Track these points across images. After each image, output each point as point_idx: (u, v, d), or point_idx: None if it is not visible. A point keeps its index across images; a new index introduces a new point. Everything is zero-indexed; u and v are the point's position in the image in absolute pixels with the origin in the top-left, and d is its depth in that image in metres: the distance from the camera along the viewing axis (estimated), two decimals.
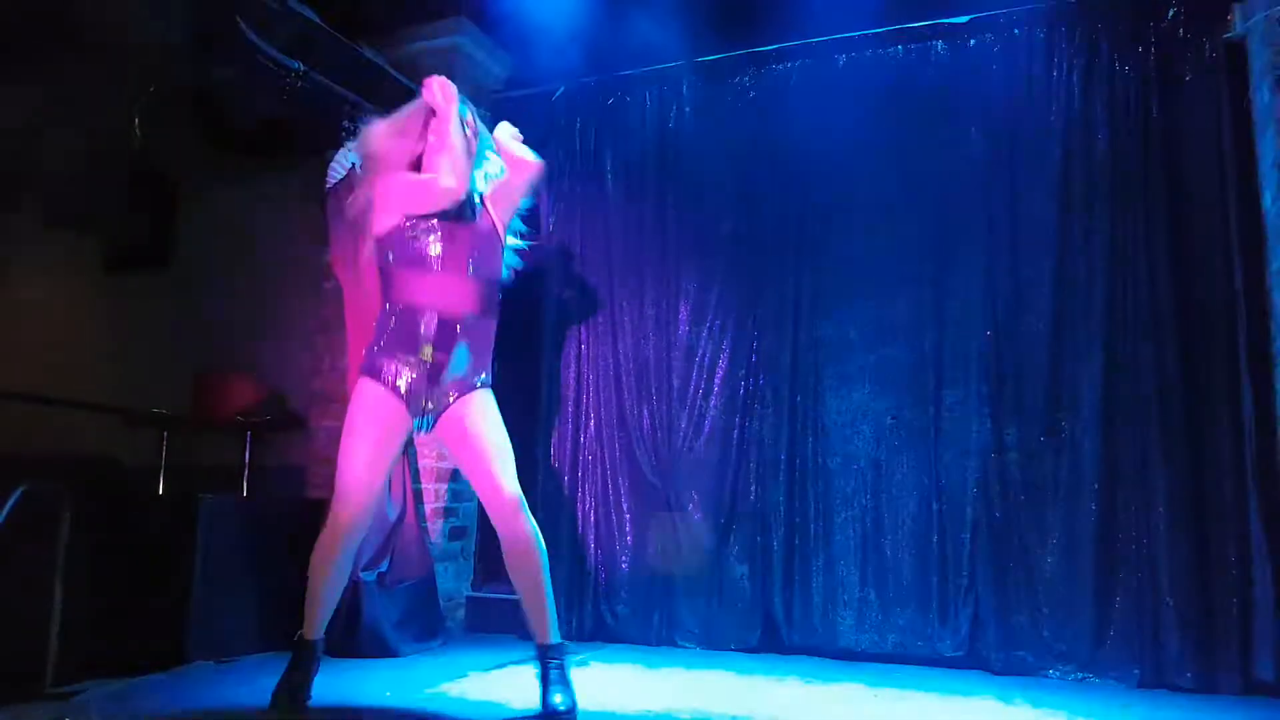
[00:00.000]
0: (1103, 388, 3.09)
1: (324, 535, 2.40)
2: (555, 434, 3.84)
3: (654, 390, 3.72)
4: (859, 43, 3.59)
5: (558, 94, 4.01)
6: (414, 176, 2.45)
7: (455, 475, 3.89)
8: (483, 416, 2.43)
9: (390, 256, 2.43)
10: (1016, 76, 3.34)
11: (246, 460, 4.06)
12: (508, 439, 2.46)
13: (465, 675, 2.94)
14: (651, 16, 3.68)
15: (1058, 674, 3.01)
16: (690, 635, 3.51)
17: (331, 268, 3.56)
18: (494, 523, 2.44)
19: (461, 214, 2.45)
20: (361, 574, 3.14)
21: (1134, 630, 2.95)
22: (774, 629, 3.41)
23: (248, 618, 3.19)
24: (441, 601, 3.61)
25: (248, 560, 3.22)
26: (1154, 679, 2.88)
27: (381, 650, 3.17)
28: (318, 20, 3.37)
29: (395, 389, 2.37)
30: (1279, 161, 2.89)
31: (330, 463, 3.65)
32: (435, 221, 2.42)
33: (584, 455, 3.77)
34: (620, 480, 3.70)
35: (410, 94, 3.79)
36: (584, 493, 3.74)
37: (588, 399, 3.81)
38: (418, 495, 3.51)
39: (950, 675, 3.04)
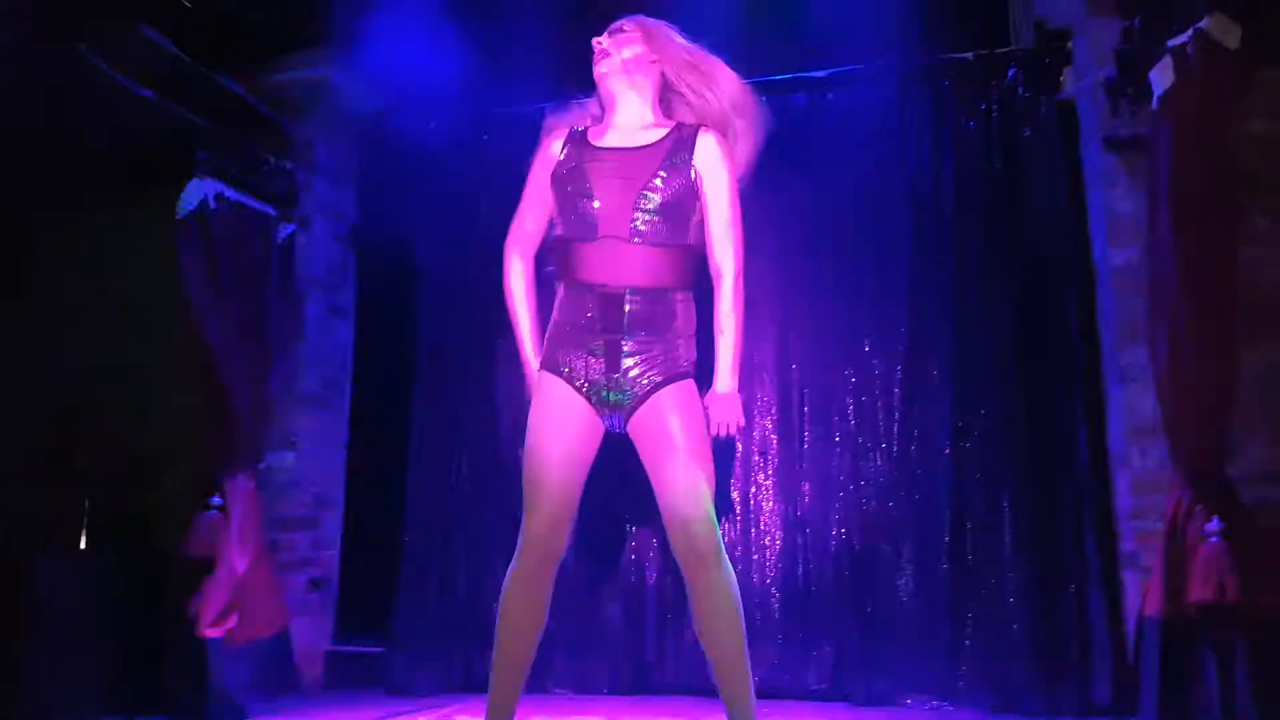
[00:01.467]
0: (953, 426, 3.23)
1: (513, 565, 2.00)
2: (428, 470, 3.72)
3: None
4: None
5: (430, 128, 3.96)
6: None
7: (316, 522, 3.74)
8: (666, 419, 1.98)
9: (555, 225, 2.10)
10: (871, 130, 3.48)
11: (93, 511, 3.79)
12: (702, 444, 1.99)
13: None
14: (525, 56, 3.70)
15: (915, 704, 3.10)
16: (563, 680, 3.45)
17: (188, 299, 3.35)
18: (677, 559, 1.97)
19: (626, 169, 2.05)
20: (207, 630, 2.97)
21: (986, 659, 3.07)
22: (646, 670, 3.39)
23: (88, 682, 2.95)
24: (298, 657, 3.44)
25: (89, 621, 2.99)
26: (1006, 704, 2.99)
27: (232, 714, 2.98)
28: (173, 49, 3.25)
29: (574, 383, 2.02)
30: (1108, 213, 3.12)
31: (190, 509, 3.46)
32: (596, 179, 2.04)
33: (457, 494, 3.67)
34: (490, 520, 3.61)
35: (274, 124, 3.74)
36: (453, 533, 3.63)
37: (465, 439, 3.72)
38: (271, 545, 3.36)
39: (815, 708, 3.09)
